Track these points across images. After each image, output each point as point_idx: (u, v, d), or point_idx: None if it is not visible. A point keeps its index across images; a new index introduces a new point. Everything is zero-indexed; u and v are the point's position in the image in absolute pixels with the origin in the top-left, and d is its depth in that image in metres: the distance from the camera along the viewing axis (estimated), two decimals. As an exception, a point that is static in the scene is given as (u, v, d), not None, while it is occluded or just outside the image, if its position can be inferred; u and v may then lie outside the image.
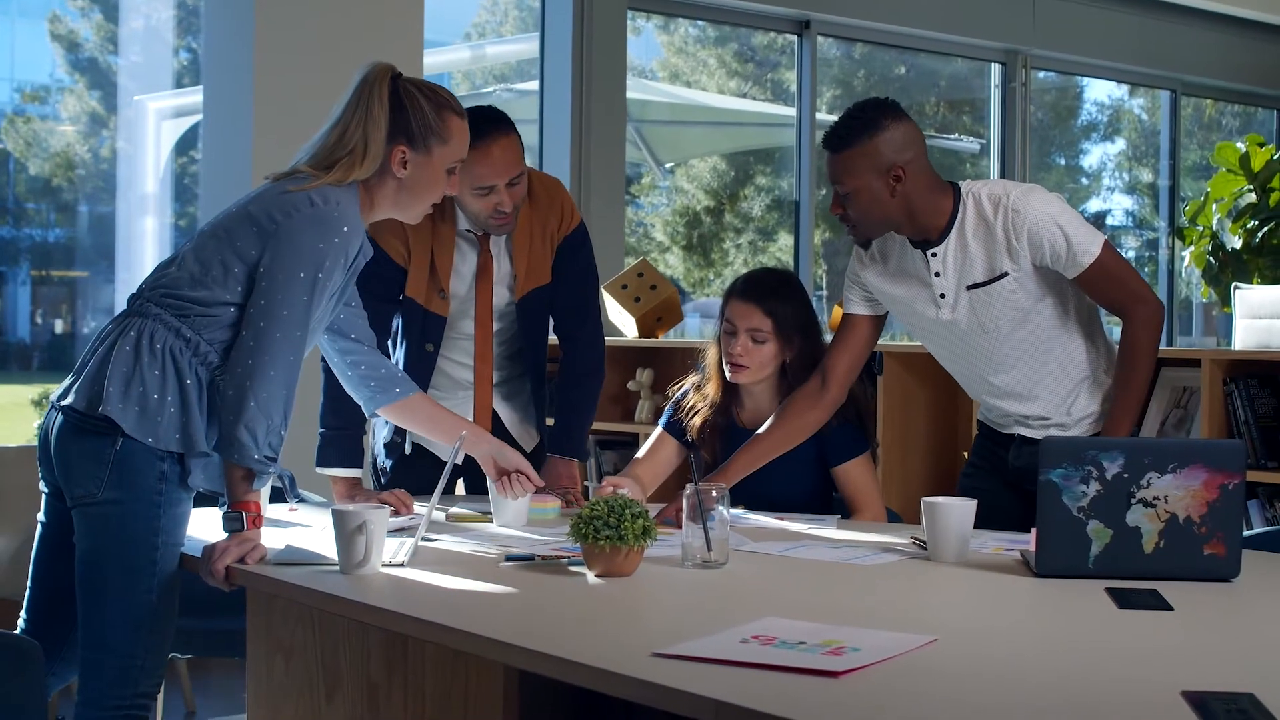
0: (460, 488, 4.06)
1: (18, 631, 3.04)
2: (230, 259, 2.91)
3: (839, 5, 8.27)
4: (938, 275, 3.36)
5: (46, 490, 3.02)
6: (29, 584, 3.06)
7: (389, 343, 3.75)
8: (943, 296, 3.38)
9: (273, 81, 5.54)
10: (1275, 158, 8.18)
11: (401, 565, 2.81)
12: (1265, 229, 8.12)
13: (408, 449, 3.82)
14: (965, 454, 5.09)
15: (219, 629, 3.75)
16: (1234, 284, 6.67)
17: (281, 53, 5.56)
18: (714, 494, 2.84)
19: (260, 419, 2.82)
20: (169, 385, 2.86)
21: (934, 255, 3.35)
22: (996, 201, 3.29)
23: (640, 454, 3.89)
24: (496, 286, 3.75)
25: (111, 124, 7.17)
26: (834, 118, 3.53)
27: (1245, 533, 3.00)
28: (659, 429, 3.88)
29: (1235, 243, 8.33)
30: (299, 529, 3.31)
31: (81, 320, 7.30)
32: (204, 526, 3.14)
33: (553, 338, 3.91)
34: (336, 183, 2.95)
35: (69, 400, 2.88)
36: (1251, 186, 8.25)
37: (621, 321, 6.04)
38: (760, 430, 3.59)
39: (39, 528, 3.05)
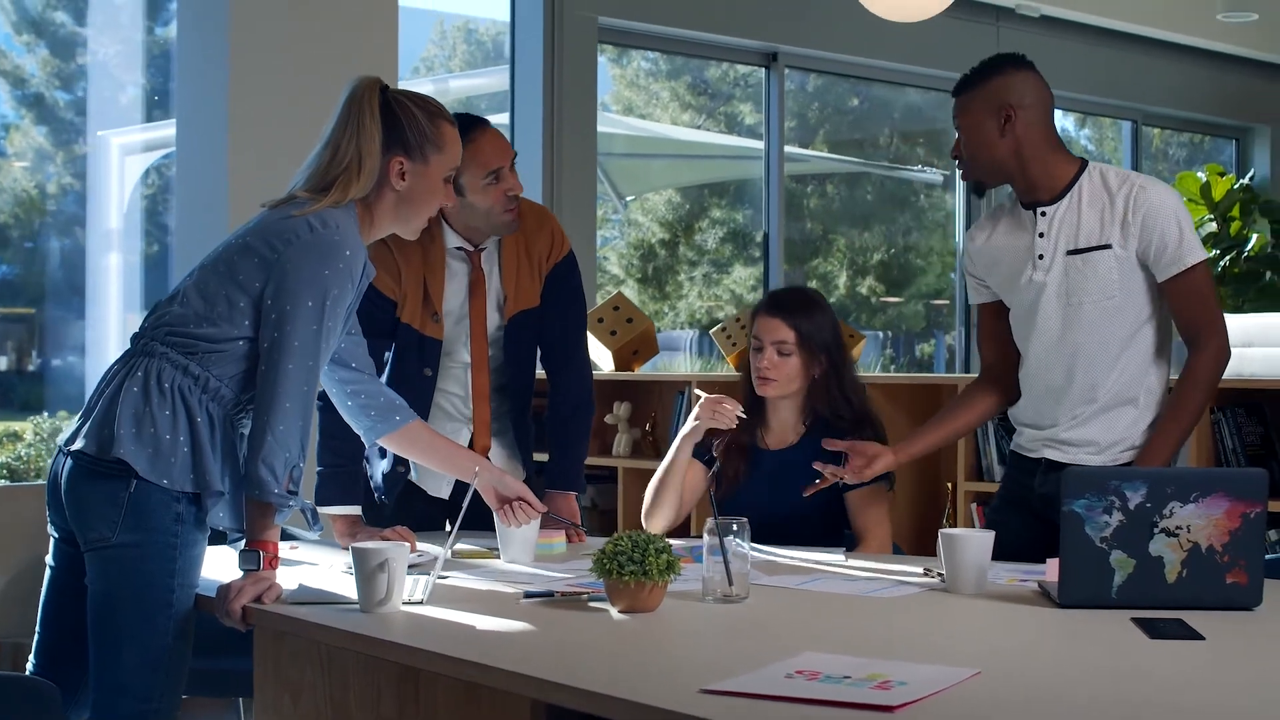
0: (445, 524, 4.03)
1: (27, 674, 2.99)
2: (234, 293, 2.88)
3: (806, 38, 8.31)
4: (1041, 236, 3.40)
5: (56, 535, 2.98)
6: (38, 628, 3.02)
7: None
8: (1040, 257, 3.41)
9: (247, 115, 5.51)
10: (1236, 187, 8.27)
11: (420, 603, 2.79)
12: (1227, 258, 8.19)
13: (413, 475, 3.78)
14: (949, 484, 5.14)
15: (218, 669, 3.69)
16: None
17: (256, 84, 5.53)
18: (733, 528, 2.83)
19: (278, 452, 2.79)
20: (180, 425, 2.83)
21: (1043, 215, 3.40)
22: (1124, 178, 3.37)
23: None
24: (488, 307, 3.74)
25: (59, 160, 7.11)
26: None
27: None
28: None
29: (1197, 272, 8.40)
30: (306, 567, 3.28)
31: (27, 358, 7.22)
32: (217, 566, 3.10)
33: (540, 374, 3.90)
34: (335, 204, 2.93)
35: (79, 445, 2.85)
36: (1213, 216, 8.34)
37: (598, 355, 6.03)
38: (941, 415, 3.69)
39: (47, 571, 3.01)
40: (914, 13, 4.22)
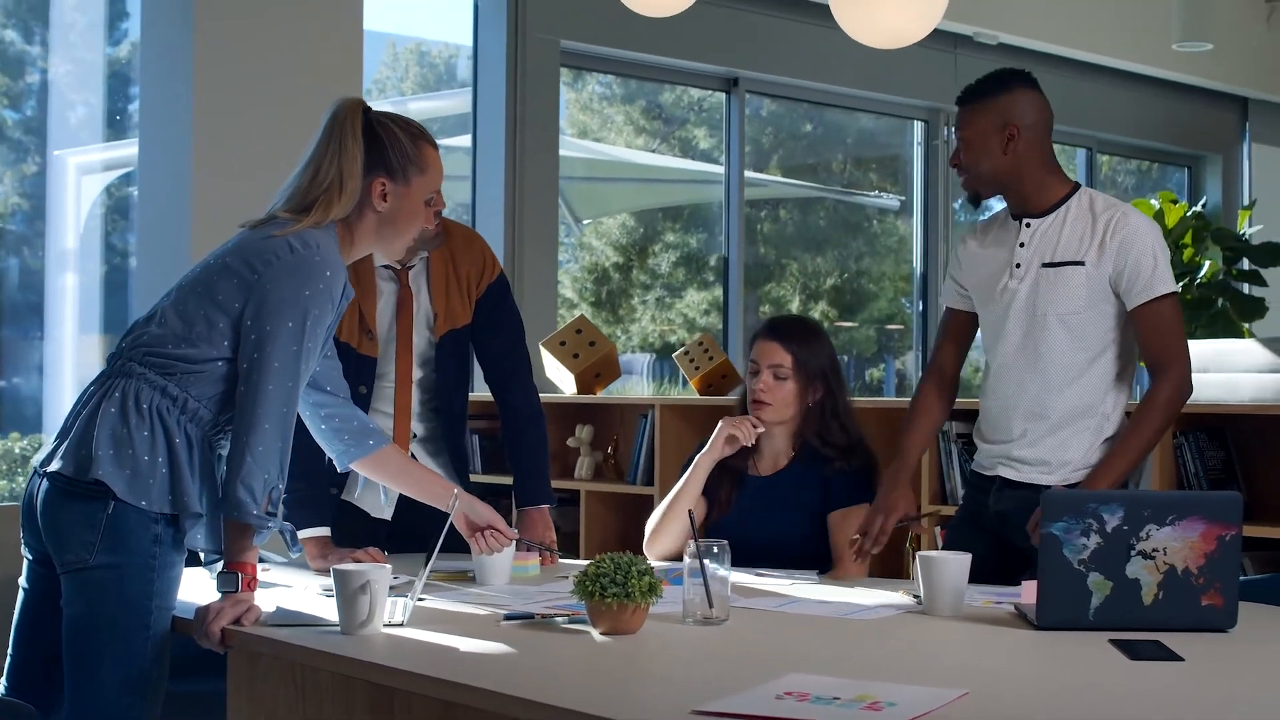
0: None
1: (-1, 696, 2.97)
2: (214, 313, 2.87)
3: (767, 63, 8.34)
4: (1022, 245, 3.50)
5: (30, 557, 2.95)
6: (10, 650, 2.98)
7: None
8: (1018, 266, 3.50)
9: (211, 135, 5.48)
10: (1188, 215, 8.34)
11: (401, 625, 2.78)
12: (1180, 285, 8.26)
13: (350, 495, 3.77)
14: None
15: (190, 691, 3.66)
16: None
17: (219, 104, 5.51)
18: (713, 550, 2.83)
19: (257, 473, 2.78)
20: (158, 445, 2.82)
21: (1027, 226, 3.51)
22: (1110, 204, 3.46)
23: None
24: (416, 325, 3.75)
25: (7, 179, 7.07)
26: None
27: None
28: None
29: (1150, 298, 8.45)
30: (281, 589, 3.26)
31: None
32: (194, 587, 3.08)
33: (487, 396, 3.93)
34: (315, 224, 2.92)
35: (55, 466, 2.82)
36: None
37: (560, 378, 6.03)
38: (911, 427, 3.70)
39: (20, 593, 2.98)
40: (895, 39, 4.27)
